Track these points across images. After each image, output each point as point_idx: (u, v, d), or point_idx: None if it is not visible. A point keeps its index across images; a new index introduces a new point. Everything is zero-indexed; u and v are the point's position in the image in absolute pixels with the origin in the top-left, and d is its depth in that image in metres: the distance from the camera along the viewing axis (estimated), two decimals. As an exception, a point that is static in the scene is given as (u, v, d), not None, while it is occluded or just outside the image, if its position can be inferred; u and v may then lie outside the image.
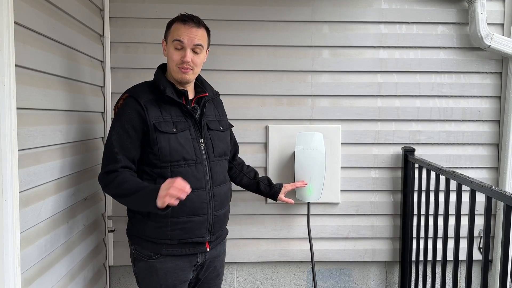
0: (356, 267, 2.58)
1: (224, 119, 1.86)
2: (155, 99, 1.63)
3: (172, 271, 1.65)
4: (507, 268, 1.46)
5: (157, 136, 1.58)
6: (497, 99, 2.50)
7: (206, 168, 1.66)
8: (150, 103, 1.61)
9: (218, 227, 1.72)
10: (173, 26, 1.64)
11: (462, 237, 1.82)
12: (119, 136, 1.59)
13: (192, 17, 1.65)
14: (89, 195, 2.07)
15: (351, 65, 2.44)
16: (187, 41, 1.60)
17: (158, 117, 1.60)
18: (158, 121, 1.59)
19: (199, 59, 1.66)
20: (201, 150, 1.66)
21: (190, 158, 1.62)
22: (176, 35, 1.61)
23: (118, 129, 1.60)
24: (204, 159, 1.66)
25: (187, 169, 1.61)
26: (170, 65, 1.65)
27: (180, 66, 1.62)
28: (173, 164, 1.60)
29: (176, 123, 1.62)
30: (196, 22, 1.63)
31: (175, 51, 1.62)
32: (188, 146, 1.62)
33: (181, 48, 1.61)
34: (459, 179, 1.78)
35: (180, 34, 1.60)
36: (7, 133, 1.22)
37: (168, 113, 1.62)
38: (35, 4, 1.53)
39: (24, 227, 1.41)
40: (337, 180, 2.46)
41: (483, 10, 2.35)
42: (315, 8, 2.41)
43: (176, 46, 1.61)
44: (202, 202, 1.64)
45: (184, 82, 1.67)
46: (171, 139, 1.59)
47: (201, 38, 1.64)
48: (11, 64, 1.24)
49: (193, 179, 1.61)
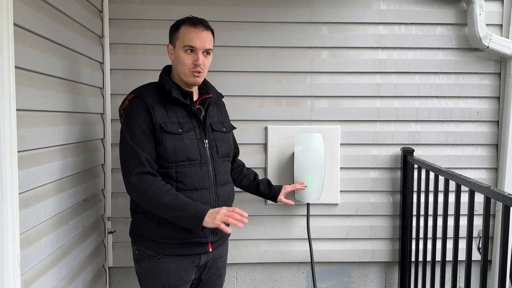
0: (355, 267, 2.59)
1: (227, 120, 1.87)
2: (160, 99, 1.63)
3: (175, 271, 1.65)
4: (506, 268, 1.47)
5: (163, 136, 1.59)
6: (496, 99, 2.51)
7: (210, 168, 1.67)
8: (156, 103, 1.61)
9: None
10: (181, 30, 1.63)
11: (461, 238, 1.82)
12: (138, 138, 1.57)
13: (201, 20, 1.65)
14: (89, 196, 2.07)
15: (350, 66, 2.45)
16: (199, 45, 1.60)
17: (164, 117, 1.61)
18: (164, 121, 1.60)
19: (209, 61, 1.68)
20: (206, 151, 1.67)
21: (195, 159, 1.63)
22: (188, 40, 1.60)
23: (136, 130, 1.58)
24: (209, 159, 1.67)
25: (192, 169, 1.62)
26: (181, 69, 1.64)
27: (193, 70, 1.63)
28: (178, 164, 1.61)
29: (181, 123, 1.63)
30: (205, 25, 1.64)
31: (187, 55, 1.62)
32: (193, 147, 1.63)
33: (192, 52, 1.62)
34: (458, 180, 1.78)
35: (192, 39, 1.60)
36: (6, 134, 1.23)
37: (174, 113, 1.63)
38: (35, 6, 1.53)
39: (23, 229, 1.42)
40: (337, 180, 2.46)
41: (481, 11, 2.35)
42: (314, 9, 2.42)
43: (187, 50, 1.62)
44: (206, 202, 1.64)
45: (195, 85, 1.69)
46: (176, 139, 1.60)
47: (210, 42, 1.66)
48: (11, 66, 1.24)
49: (197, 179, 1.62)
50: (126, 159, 1.58)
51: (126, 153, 1.58)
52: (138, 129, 1.58)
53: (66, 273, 1.79)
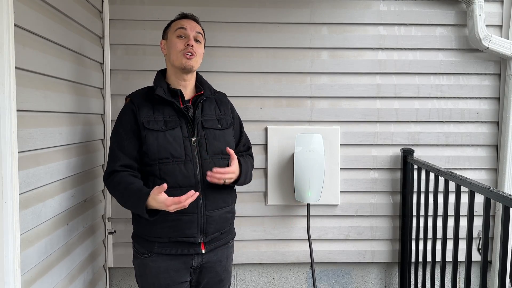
0: (355, 268, 2.59)
1: (227, 118, 1.80)
2: (149, 99, 1.69)
3: (165, 271, 1.64)
4: (506, 269, 1.47)
5: (146, 134, 1.63)
6: (496, 100, 2.51)
7: (197, 166, 1.64)
8: (143, 103, 1.67)
9: (212, 228, 1.66)
10: (173, 23, 1.74)
11: (461, 238, 1.83)
12: (117, 136, 1.67)
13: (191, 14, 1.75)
14: (89, 197, 2.08)
15: (350, 67, 2.45)
16: (189, 28, 1.69)
17: (149, 116, 1.65)
18: (148, 120, 1.64)
19: (200, 49, 1.73)
20: (193, 149, 1.65)
21: (179, 156, 1.62)
22: (179, 24, 1.69)
23: (116, 129, 1.69)
24: (196, 157, 1.65)
25: (175, 166, 1.62)
26: (174, 55, 1.67)
27: (185, 51, 1.66)
28: (161, 161, 1.62)
29: (167, 121, 1.65)
30: (195, 18, 1.75)
31: (178, 39, 1.68)
32: (177, 144, 1.63)
33: (184, 37, 1.68)
34: (458, 180, 1.78)
35: (183, 24, 1.69)
36: (7, 135, 1.23)
37: (161, 112, 1.66)
38: (35, 7, 1.53)
39: (24, 229, 1.42)
40: (337, 181, 2.46)
41: (481, 12, 2.36)
42: (314, 10, 2.42)
43: (179, 34, 1.68)
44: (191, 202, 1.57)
45: (188, 68, 1.68)
46: (159, 136, 1.62)
47: (200, 30, 1.75)
48: (11, 66, 1.24)
49: (181, 177, 1.61)
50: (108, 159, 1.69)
51: (109, 153, 1.70)
52: (121, 129, 1.68)
53: (66, 273, 1.79)
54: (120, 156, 1.64)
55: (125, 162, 1.64)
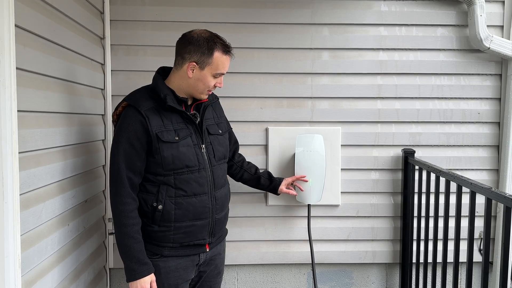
0: (356, 269, 2.58)
1: (222, 121, 1.87)
2: (155, 106, 1.61)
3: (175, 270, 1.67)
4: (508, 270, 1.47)
5: (160, 146, 1.58)
6: (497, 100, 2.51)
7: (208, 173, 1.68)
8: (151, 111, 1.59)
9: (218, 229, 1.76)
10: (216, 56, 1.62)
11: (463, 239, 1.82)
12: (125, 153, 1.57)
13: (230, 46, 1.69)
14: (90, 197, 2.08)
15: (351, 67, 2.45)
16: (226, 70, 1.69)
17: (159, 125, 1.59)
18: (160, 130, 1.58)
19: None
20: (203, 156, 1.67)
21: (193, 165, 1.64)
22: (222, 69, 1.65)
23: (124, 145, 1.57)
24: (206, 164, 1.68)
25: (190, 175, 1.64)
26: (200, 87, 1.65)
27: (210, 89, 1.68)
28: (176, 171, 1.62)
29: (177, 130, 1.62)
30: (232, 51, 1.70)
31: (213, 78, 1.65)
32: (191, 153, 1.63)
33: (217, 78, 1.68)
34: (459, 181, 1.78)
35: (225, 68, 1.67)
36: (8, 135, 1.23)
37: (169, 120, 1.62)
38: (36, 7, 1.53)
39: (24, 230, 1.42)
40: (337, 182, 2.46)
41: (482, 12, 2.35)
42: (315, 11, 2.42)
43: (216, 75, 1.65)
44: (205, 207, 1.67)
45: (201, 100, 1.72)
46: (173, 148, 1.60)
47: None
48: (12, 67, 1.24)
49: (196, 185, 1.64)
50: (112, 169, 1.60)
51: (113, 163, 1.59)
52: (127, 143, 1.57)
53: (67, 274, 1.79)
54: (131, 177, 1.58)
55: (135, 181, 1.60)
